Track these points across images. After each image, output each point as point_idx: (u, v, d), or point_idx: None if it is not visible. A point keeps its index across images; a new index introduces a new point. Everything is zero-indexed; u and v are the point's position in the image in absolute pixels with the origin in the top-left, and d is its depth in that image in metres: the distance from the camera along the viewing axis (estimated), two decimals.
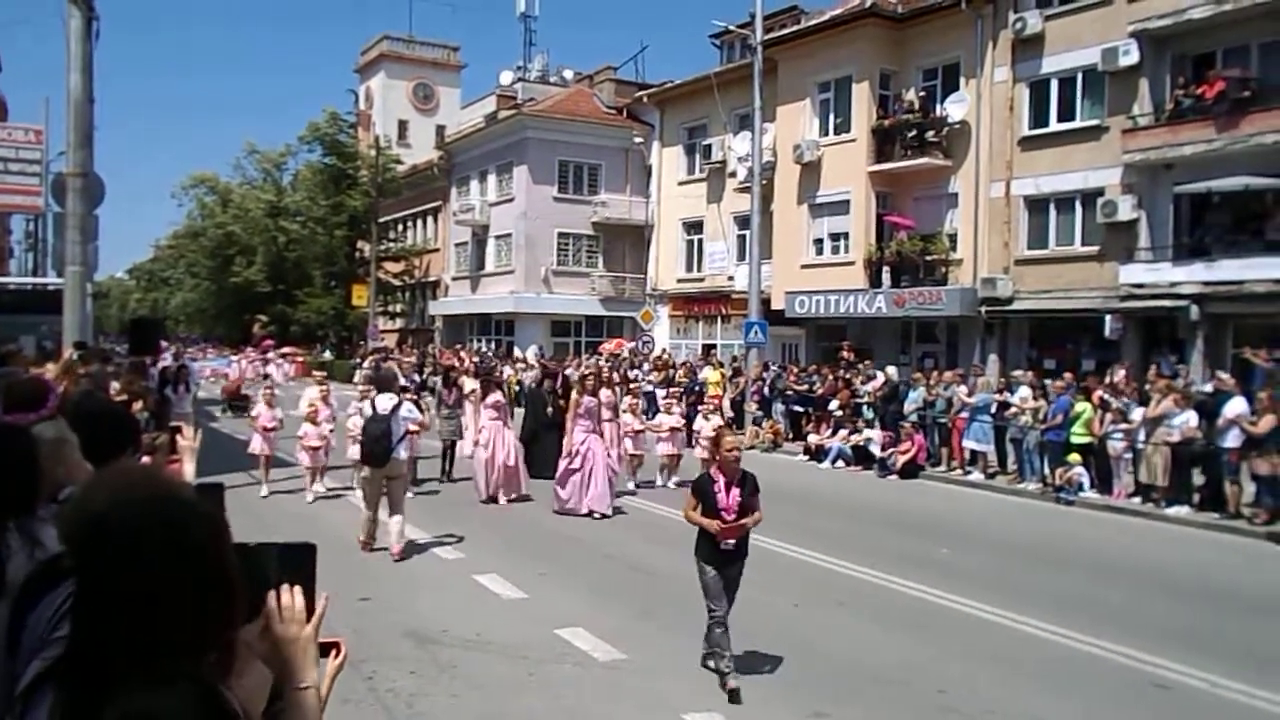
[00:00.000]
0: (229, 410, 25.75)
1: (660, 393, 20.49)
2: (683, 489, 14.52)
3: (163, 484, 1.55)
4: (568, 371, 19.40)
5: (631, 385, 18.04)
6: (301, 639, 1.69)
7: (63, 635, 1.51)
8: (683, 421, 16.55)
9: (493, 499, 13.49)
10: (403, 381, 14.36)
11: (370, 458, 9.94)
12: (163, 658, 1.37)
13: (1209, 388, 15.40)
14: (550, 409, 15.90)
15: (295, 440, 13.79)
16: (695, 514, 6.56)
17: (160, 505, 1.47)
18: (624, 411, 15.13)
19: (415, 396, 14.40)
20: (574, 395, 13.73)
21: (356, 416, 13.31)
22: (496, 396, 14.45)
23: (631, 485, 14.97)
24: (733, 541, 6.49)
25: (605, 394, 14.15)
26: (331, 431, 13.86)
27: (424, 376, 24.58)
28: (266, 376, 41.96)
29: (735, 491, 6.50)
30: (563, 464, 13.04)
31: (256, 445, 13.69)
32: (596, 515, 12.59)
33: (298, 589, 1.71)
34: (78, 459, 2.64)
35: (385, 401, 10.14)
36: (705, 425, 15.54)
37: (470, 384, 16.50)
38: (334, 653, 1.80)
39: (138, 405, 7.43)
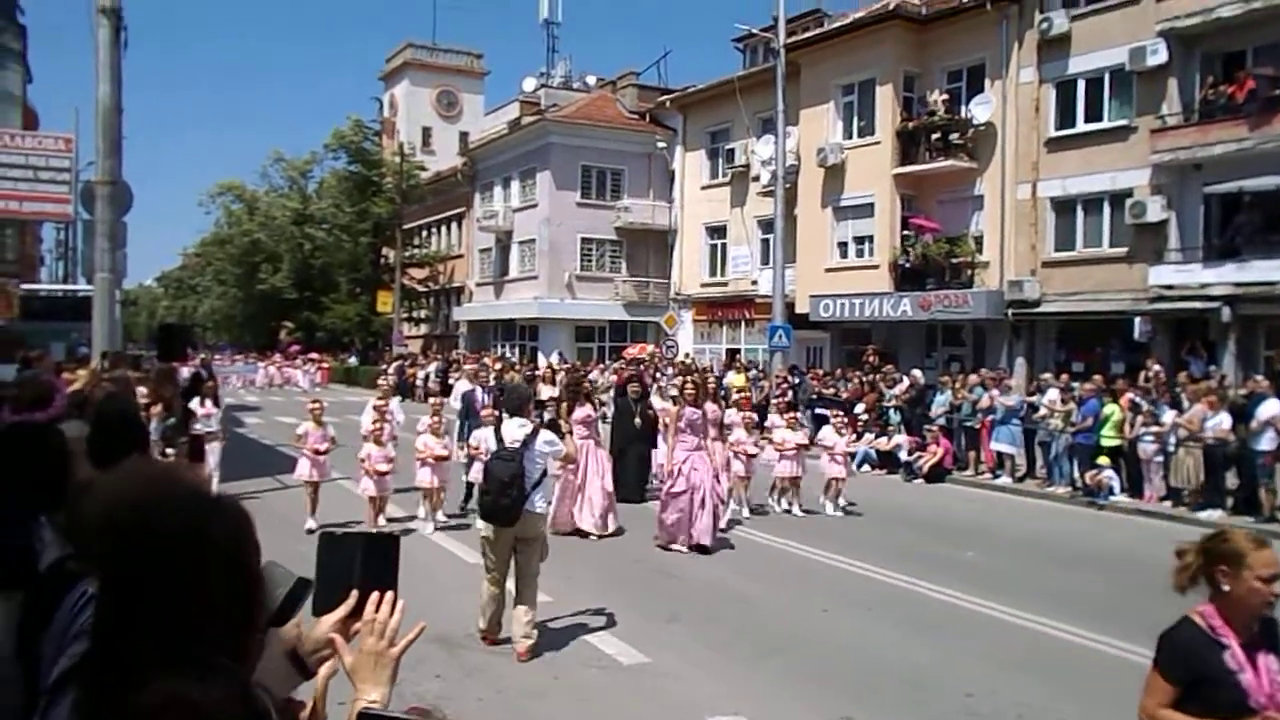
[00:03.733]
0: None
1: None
2: (810, 516, 13.42)
3: (183, 481, 1.54)
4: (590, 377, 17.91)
5: (739, 396, 15.86)
6: (385, 656, 1.68)
7: (85, 631, 1.50)
8: (807, 439, 14.48)
9: (579, 532, 11.50)
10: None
11: (494, 513, 6.95)
12: (185, 654, 1.36)
13: (1243, 390, 15.20)
14: (638, 420, 14.07)
15: (358, 464, 11.49)
16: (1176, 716, 3.22)
17: (181, 503, 1.47)
18: (735, 426, 13.44)
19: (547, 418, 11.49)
20: (674, 406, 11.92)
21: (427, 435, 11.69)
22: (586, 410, 12.53)
23: (746, 512, 13.24)
24: None
25: (710, 407, 12.17)
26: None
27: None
28: (287, 382, 42.60)
29: (1268, 662, 3.15)
30: (664, 486, 11.32)
31: (304, 470, 11.57)
32: (704, 549, 10.84)
33: (400, 605, 1.72)
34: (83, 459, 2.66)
35: (516, 429, 7.18)
36: (839, 440, 13.92)
37: (548, 391, 14.67)
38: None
39: (157, 409, 7.49)
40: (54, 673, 1.51)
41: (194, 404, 12.47)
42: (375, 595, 1.71)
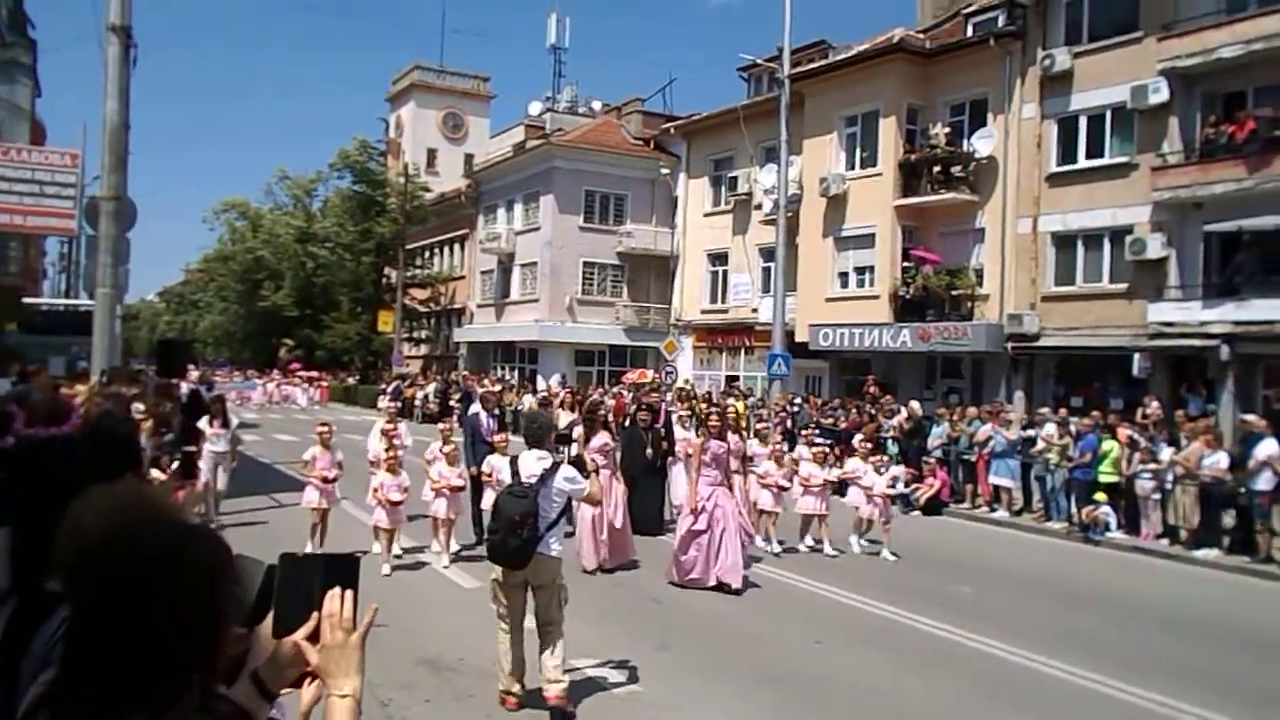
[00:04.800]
0: None
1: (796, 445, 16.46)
2: (841, 556, 12.66)
3: (154, 505, 1.54)
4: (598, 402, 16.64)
5: (760, 427, 15.27)
6: (347, 646, 1.70)
7: (59, 657, 1.49)
8: (835, 473, 13.76)
9: (601, 569, 10.96)
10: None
11: (501, 554, 6.33)
12: (158, 681, 1.36)
13: (1224, 426, 15.21)
14: (651, 450, 13.61)
15: (370, 494, 10.95)
16: None
17: (159, 528, 1.46)
18: (765, 459, 12.92)
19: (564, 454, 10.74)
20: (697, 439, 11.30)
21: (441, 463, 11.14)
22: (604, 439, 11.96)
23: (776, 549, 12.63)
24: None
25: (733, 439, 11.63)
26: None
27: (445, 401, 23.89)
28: (286, 399, 42.55)
29: None
30: (684, 524, 10.66)
31: (312, 497, 10.80)
32: (729, 589, 10.28)
33: (348, 595, 1.74)
34: None
35: (533, 462, 6.58)
36: (878, 480, 13.20)
37: (566, 418, 14.19)
38: (308, 681, 1.78)
39: (147, 425, 7.45)
40: (25, 702, 1.49)
41: (203, 423, 12.20)
42: (336, 594, 1.72)
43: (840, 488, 13.99)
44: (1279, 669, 8.61)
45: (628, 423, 15.09)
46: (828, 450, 14.17)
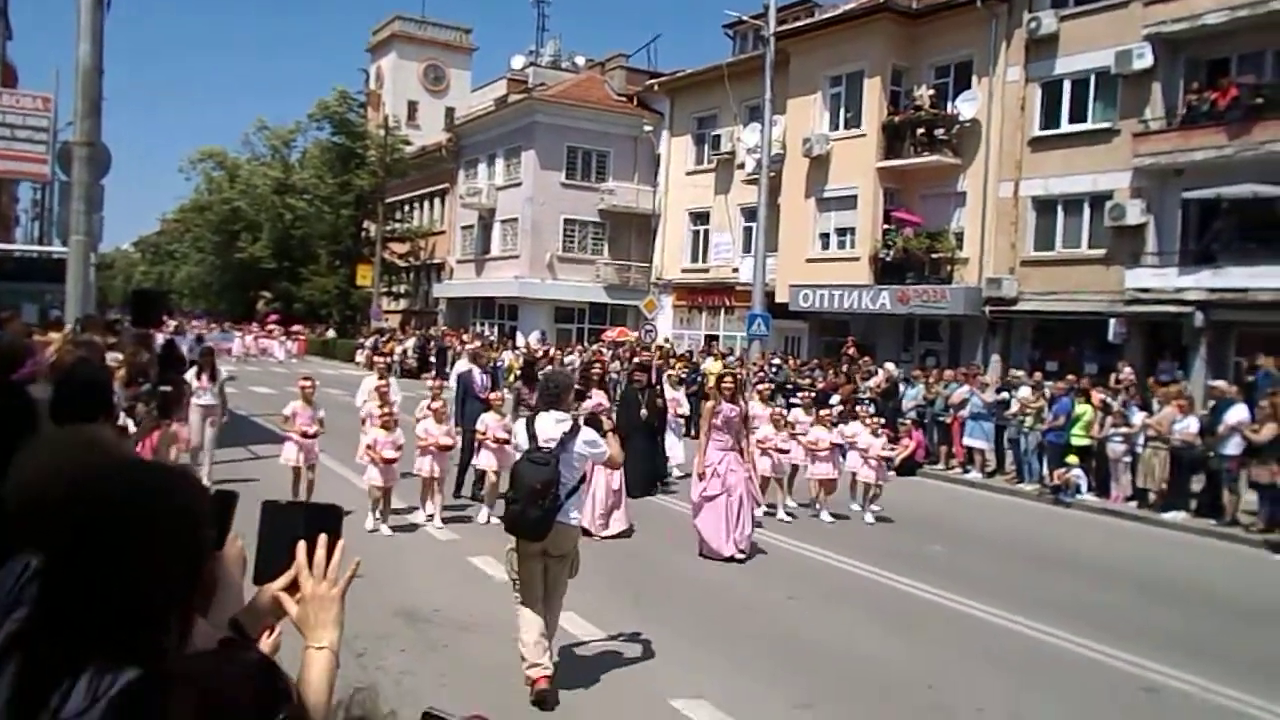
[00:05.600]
0: None
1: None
2: (841, 521, 12.54)
3: (115, 449, 1.53)
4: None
5: (761, 389, 14.65)
6: (327, 598, 1.70)
7: (31, 597, 1.48)
8: (841, 436, 13.36)
9: (586, 532, 9.81)
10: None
11: (520, 525, 5.87)
12: (134, 625, 1.35)
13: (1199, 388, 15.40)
14: (645, 410, 13.39)
15: (364, 451, 10.46)
16: None
17: (122, 471, 1.45)
18: (762, 421, 12.58)
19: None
20: (708, 403, 10.93)
21: (429, 421, 10.85)
22: (598, 399, 11.74)
23: (782, 514, 12.53)
24: None
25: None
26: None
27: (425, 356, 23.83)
28: (263, 352, 42.27)
29: None
30: (696, 489, 10.38)
31: (291, 454, 10.62)
32: (740, 557, 10.06)
33: (332, 544, 1.74)
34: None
35: (551, 424, 6.08)
36: (874, 442, 12.91)
37: None
38: (267, 631, 1.79)
39: (121, 374, 7.39)
40: None
41: (190, 376, 11.80)
42: (320, 544, 1.73)
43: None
44: (1245, 630, 8.80)
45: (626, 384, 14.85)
46: (835, 414, 14.01)
